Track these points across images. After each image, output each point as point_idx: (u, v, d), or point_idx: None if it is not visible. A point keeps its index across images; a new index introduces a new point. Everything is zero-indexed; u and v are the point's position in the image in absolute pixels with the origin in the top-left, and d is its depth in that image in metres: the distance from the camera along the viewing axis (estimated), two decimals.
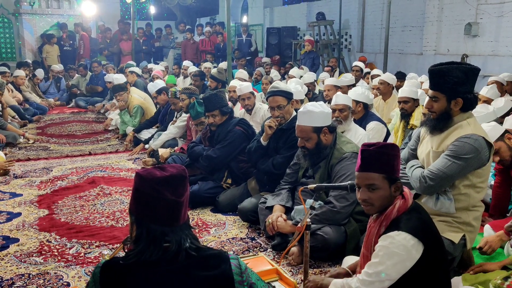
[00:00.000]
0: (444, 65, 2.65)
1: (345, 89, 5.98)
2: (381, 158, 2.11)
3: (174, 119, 5.95)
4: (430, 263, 2.07)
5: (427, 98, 2.82)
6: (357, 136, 4.03)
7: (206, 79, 8.03)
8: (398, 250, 2.02)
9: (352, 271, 2.43)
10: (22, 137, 6.80)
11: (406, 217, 2.10)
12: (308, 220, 2.49)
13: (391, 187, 2.12)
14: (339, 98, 4.19)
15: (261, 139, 3.90)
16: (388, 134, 4.76)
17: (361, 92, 4.69)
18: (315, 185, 2.59)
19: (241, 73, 7.85)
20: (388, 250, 2.04)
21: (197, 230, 3.72)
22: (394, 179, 2.12)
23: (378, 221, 2.16)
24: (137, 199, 1.65)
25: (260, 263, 2.75)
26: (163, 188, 1.60)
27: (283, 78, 8.94)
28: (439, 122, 2.70)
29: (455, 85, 2.60)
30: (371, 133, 4.49)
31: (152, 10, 17.57)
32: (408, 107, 4.65)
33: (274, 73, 8.30)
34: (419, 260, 2.04)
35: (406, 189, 2.20)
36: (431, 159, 2.76)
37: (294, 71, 8.17)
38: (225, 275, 1.65)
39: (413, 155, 2.94)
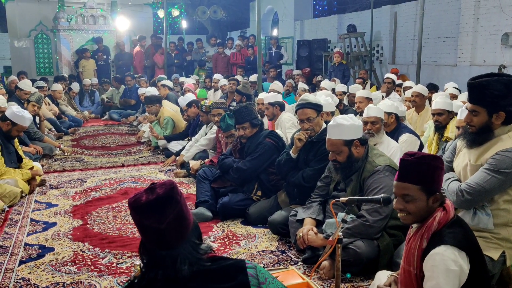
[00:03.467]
0: (484, 78, 2.54)
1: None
2: (419, 169, 2.07)
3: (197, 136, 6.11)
4: (474, 279, 1.99)
5: (460, 110, 2.74)
6: (389, 149, 3.96)
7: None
8: (451, 266, 1.94)
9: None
10: (58, 149, 7.00)
11: (449, 230, 2.03)
12: (340, 233, 2.45)
13: (429, 199, 2.07)
14: (371, 111, 4.14)
15: (291, 151, 3.88)
16: (421, 146, 4.66)
17: (390, 104, 4.63)
18: (347, 198, 2.55)
19: (276, 84, 7.71)
20: (441, 269, 1.95)
21: (226, 242, 3.72)
22: (432, 191, 2.07)
23: (418, 234, 2.09)
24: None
25: (291, 276, 2.72)
26: (144, 216, 1.58)
27: (313, 90, 8.91)
28: (478, 136, 2.61)
29: (496, 98, 2.50)
30: (404, 146, 4.40)
31: (184, 24, 17.91)
32: (442, 119, 4.55)
33: (301, 85, 8.25)
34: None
35: (448, 201, 2.14)
36: (468, 173, 2.67)
37: (325, 83, 8.13)
38: (242, 286, 1.60)
39: (449, 168, 2.85)
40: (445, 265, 1.94)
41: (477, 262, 2.02)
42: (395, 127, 4.63)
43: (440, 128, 4.58)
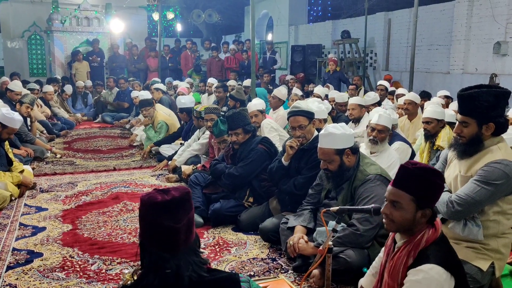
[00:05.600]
0: (474, 89, 2.57)
1: (370, 108, 5.92)
2: (416, 180, 2.03)
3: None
4: None
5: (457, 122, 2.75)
6: (389, 159, 3.94)
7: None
8: (432, 285, 1.93)
9: None
10: (49, 151, 6.94)
11: (435, 248, 2.01)
12: (330, 243, 2.45)
13: (417, 212, 2.03)
14: (381, 119, 4.09)
15: (283, 159, 3.87)
16: (413, 154, 4.67)
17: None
18: (337, 207, 2.55)
19: (279, 91, 6.87)
20: (421, 286, 1.94)
21: (217, 249, 3.70)
22: (423, 205, 2.03)
23: (405, 250, 2.07)
24: (140, 224, 1.66)
25: (281, 285, 2.72)
26: (160, 214, 1.58)
27: (307, 96, 8.92)
28: (469, 147, 2.63)
29: (486, 109, 2.53)
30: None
31: (179, 27, 17.87)
32: (431, 127, 4.57)
33: (295, 90, 8.22)
34: None
35: (438, 219, 2.11)
36: (459, 184, 2.68)
37: (319, 89, 8.13)
38: None
39: None
40: (426, 283, 1.93)
41: (462, 282, 2.01)
42: None
43: (429, 136, 4.60)
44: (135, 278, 1.67)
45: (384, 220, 2.15)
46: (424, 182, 2.03)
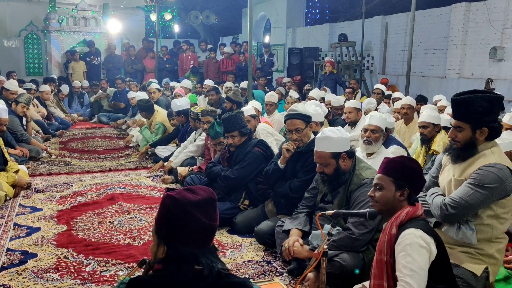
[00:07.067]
0: (468, 95, 2.60)
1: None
2: (394, 165, 2.36)
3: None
4: (437, 268, 2.18)
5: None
6: None
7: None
8: (422, 243, 2.15)
9: None
10: (45, 151, 6.92)
11: (415, 221, 2.26)
12: (325, 246, 2.46)
13: (397, 192, 2.32)
14: (373, 119, 4.10)
15: (279, 162, 3.88)
16: None
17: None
18: (333, 211, 2.56)
19: (272, 96, 7.09)
20: (413, 246, 2.15)
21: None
22: (401, 186, 2.32)
23: (388, 224, 2.31)
24: (168, 221, 1.63)
25: None
26: (197, 212, 1.60)
27: (303, 99, 8.92)
28: (463, 152, 2.66)
29: (480, 114, 2.56)
30: None
31: (176, 28, 17.85)
32: (427, 132, 4.58)
33: (292, 93, 8.21)
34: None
35: (419, 204, 2.37)
36: (452, 187, 2.70)
37: (314, 92, 8.13)
38: None
39: (435, 183, 2.88)
40: (417, 242, 2.16)
41: (443, 258, 2.24)
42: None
43: (425, 140, 4.61)
44: (151, 270, 1.67)
45: (371, 203, 2.43)
46: (401, 166, 2.36)
